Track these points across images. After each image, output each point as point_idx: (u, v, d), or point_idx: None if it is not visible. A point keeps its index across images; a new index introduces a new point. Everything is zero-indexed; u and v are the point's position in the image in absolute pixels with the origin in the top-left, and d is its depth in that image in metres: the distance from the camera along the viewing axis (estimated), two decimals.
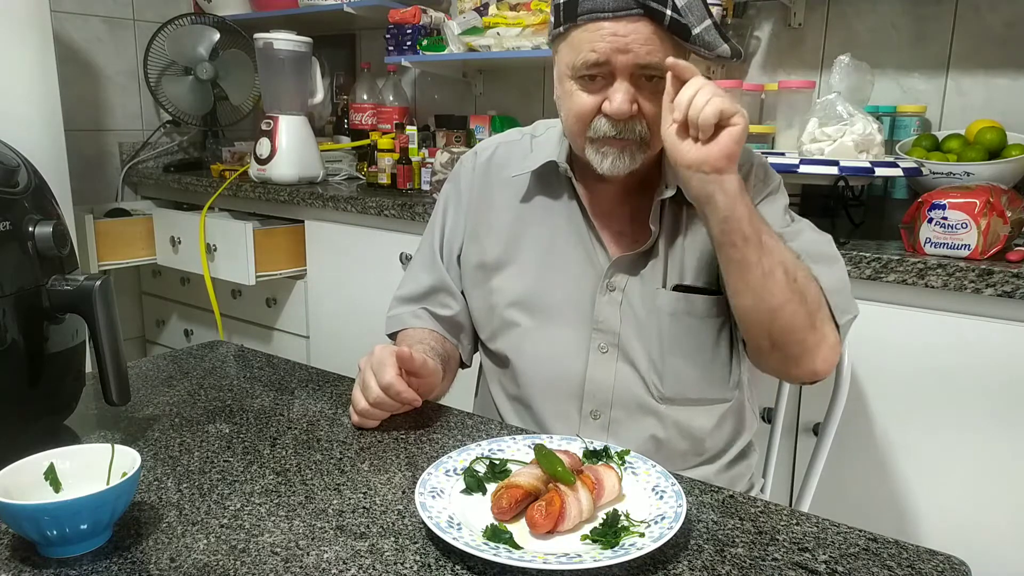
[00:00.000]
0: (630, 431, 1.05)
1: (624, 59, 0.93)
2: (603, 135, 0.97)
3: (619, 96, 0.94)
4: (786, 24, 2.06)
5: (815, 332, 0.95)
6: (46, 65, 2.11)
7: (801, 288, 0.93)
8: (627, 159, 0.98)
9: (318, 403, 1.02)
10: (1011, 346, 1.35)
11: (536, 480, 0.73)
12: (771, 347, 0.97)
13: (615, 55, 0.93)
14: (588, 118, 0.97)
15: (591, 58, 0.93)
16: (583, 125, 0.98)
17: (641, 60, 0.93)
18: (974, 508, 1.42)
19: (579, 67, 0.95)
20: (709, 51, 0.95)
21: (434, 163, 2.23)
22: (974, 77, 1.84)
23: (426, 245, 1.21)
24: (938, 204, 1.42)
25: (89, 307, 0.83)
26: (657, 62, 0.93)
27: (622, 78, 0.94)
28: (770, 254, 0.91)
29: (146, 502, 0.76)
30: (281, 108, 2.48)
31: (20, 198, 0.82)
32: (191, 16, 2.95)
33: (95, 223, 2.57)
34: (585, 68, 0.95)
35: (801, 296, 0.93)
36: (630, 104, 0.94)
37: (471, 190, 1.15)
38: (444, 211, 1.19)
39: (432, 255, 1.18)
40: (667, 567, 0.67)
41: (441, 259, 1.18)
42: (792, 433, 1.59)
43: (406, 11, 2.41)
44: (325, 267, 2.38)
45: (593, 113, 0.97)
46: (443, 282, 1.17)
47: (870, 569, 0.67)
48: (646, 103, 0.96)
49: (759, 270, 0.91)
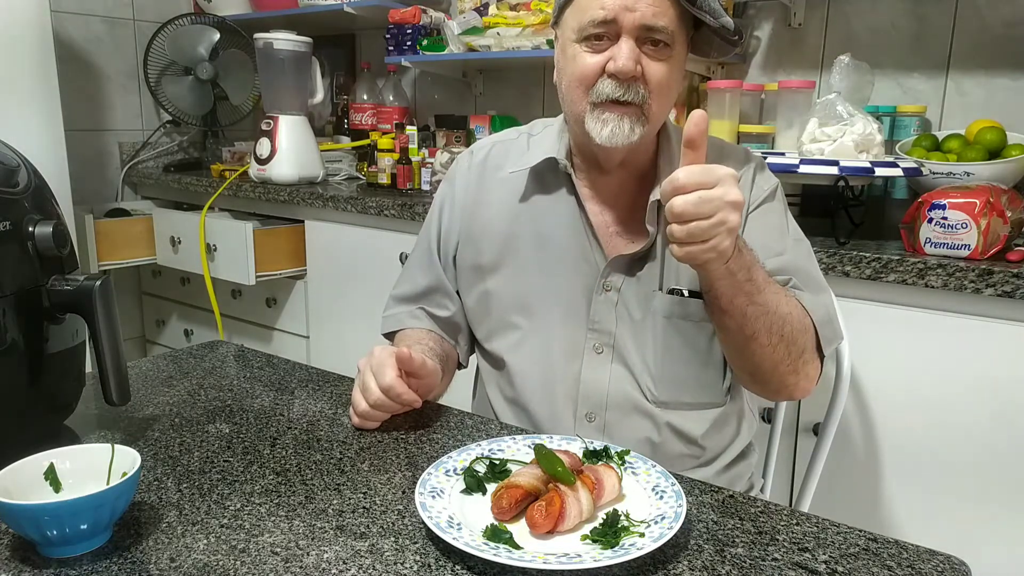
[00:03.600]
0: (625, 434, 1.04)
1: (631, 17, 0.94)
2: (605, 97, 0.97)
3: (624, 53, 0.94)
4: (786, 24, 2.06)
5: (795, 374, 0.98)
6: (46, 65, 2.11)
7: (788, 340, 0.95)
8: (626, 128, 0.97)
9: (318, 403, 1.02)
10: (1011, 346, 1.35)
11: (536, 480, 0.73)
12: (750, 381, 1.03)
13: (622, 13, 0.93)
14: (592, 79, 0.97)
15: (599, 15, 0.94)
16: (586, 88, 0.98)
17: (647, 20, 0.94)
18: (974, 508, 1.42)
19: (586, 26, 0.96)
20: (714, 18, 0.96)
21: (434, 163, 2.23)
22: (974, 77, 1.84)
23: (422, 245, 1.20)
24: (938, 204, 1.42)
25: (89, 307, 0.83)
26: (663, 25, 0.94)
27: (628, 36, 0.95)
28: (754, 320, 0.92)
29: (146, 502, 0.76)
30: (281, 108, 2.48)
31: (20, 198, 0.82)
32: (191, 16, 2.95)
33: (95, 223, 2.57)
34: (592, 26, 0.95)
35: (786, 347, 0.95)
36: (634, 63, 0.95)
37: (466, 190, 1.15)
38: (440, 211, 1.19)
39: (429, 255, 1.18)
40: (667, 567, 0.67)
41: (438, 259, 1.17)
42: (792, 433, 1.59)
43: (406, 11, 2.41)
44: (325, 267, 2.38)
45: (597, 74, 0.97)
46: (440, 283, 1.17)
47: (870, 569, 0.67)
48: (650, 67, 0.96)
49: (740, 335, 0.94)
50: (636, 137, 0.98)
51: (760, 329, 0.92)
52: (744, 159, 1.09)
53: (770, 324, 0.93)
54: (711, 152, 1.10)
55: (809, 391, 1.02)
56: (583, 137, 1.02)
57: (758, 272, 0.92)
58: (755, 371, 0.98)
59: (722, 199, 0.80)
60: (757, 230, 1.03)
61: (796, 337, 0.95)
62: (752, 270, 0.91)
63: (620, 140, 0.97)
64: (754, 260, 0.92)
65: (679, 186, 0.81)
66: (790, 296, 0.97)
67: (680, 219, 0.81)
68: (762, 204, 1.06)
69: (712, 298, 0.93)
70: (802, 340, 0.96)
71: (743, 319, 0.92)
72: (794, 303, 0.97)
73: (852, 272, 1.46)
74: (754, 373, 0.99)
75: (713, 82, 2.00)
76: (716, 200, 0.80)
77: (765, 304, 0.92)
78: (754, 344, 0.94)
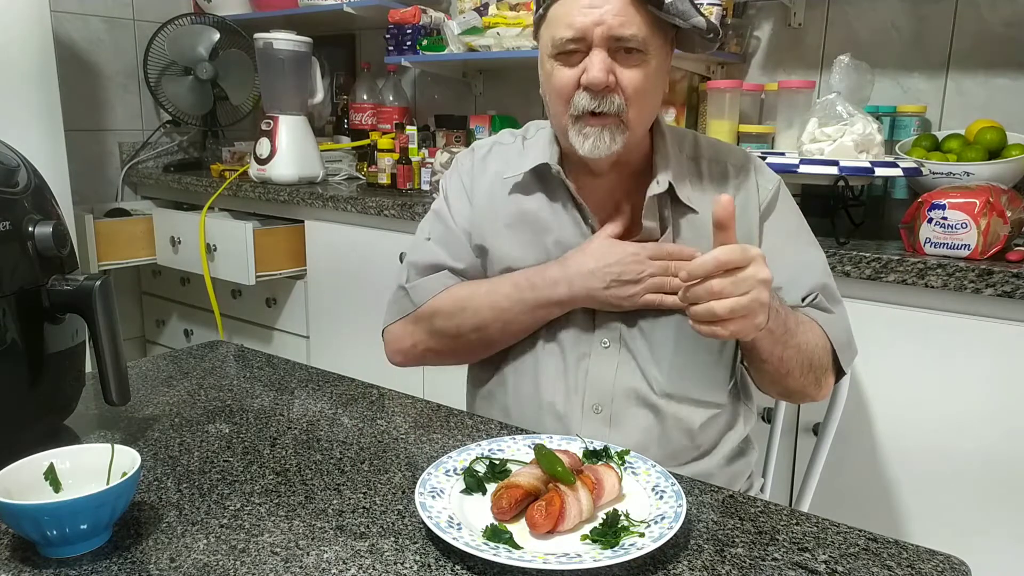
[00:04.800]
0: (630, 425, 1.05)
1: (599, 31, 0.95)
2: (583, 110, 0.98)
3: (595, 65, 0.95)
4: (786, 24, 2.06)
5: (818, 387, 1.05)
6: (46, 65, 2.11)
7: (816, 367, 1.01)
8: (607, 139, 0.98)
9: (318, 403, 1.02)
10: (1011, 346, 1.35)
11: (536, 480, 0.73)
12: (777, 396, 1.13)
13: (590, 28, 0.95)
14: (568, 94, 0.99)
15: (567, 33, 0.96)
16: (564, 102, 0.99)
17: (615, 31, 0.94)
18: (974, 508, 1.42)
19: (557, 43, 0.97)
20: (684, 20, 0.96)
21: (434, 163, 2.23)
22: (974, 77, 1.84)
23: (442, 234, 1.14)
24: (938, 204, 1.42)
25: (89, 307, 0.83)
26: (632, 34, 0.95)
27: (599, 49, 0.96)
28: (788, 361, 0.98)
29: (146, 502, 0.76)
30: (281, 108, 2.48)
31: (20, 198, 0.82)
32: (191, 16, 2.95)
33: (95, 223, 2.57)
34: (563, 44, 0.97)
35: (814, 373, 1.02)
36: (606, 73, 0.95)
37: (472, 184, 1.14)
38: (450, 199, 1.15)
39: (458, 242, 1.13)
40: (667, 567, 0.67)
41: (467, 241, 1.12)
42: (792, 433, 1.59)
43: (406, 11, 2.41)
44: (325, 267, 2.38)
45: (573, 88, 0.98)
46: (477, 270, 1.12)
47: (870, 569, 0.67)
48: (624, 76, 0.97)
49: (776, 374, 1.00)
50: (618, 146, 0.99)
51: (794, 367, 0.99)
52: (742, 157, 1.10)
53: (802, 360, 0.99)
54: (708, 152, 1.11)
55: (826, 397, 1.10)
56: (569, 147, 1.03)
57: (791, 320, 0.97)
58: (783, 393, 1.07)
59: (755, 278, 0.83)
60: (780, 245, 1.06)
61: (821, 361, 1.02)
62: (787, 321, 0.96)
63: (602, 152, 0.99)
64: (787, 312, 0.97)
65: (722, 263, 0.82)
66: (813, 324, 1.02)
67: (718, 296, 0.83)
68: (773, 209, 1.08)
69: (754, 354, 0.98)
70: (825, 361, 1.03)
71: (779, 363, 0.98)
72: (817, 331, 1.02)
73: (852, 272, 1.46)
74: (782, 394, 1.09)
75: (713, 82, 2.00)
76: (750, 279, 0.83)
77: (798, 346, 0.98)
78: (788, 379, 1.01)
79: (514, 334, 1.07)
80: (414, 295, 1.11)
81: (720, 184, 1.08)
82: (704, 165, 1.09)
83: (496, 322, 1.05)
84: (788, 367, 0.99)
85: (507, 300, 1.04)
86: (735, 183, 1.08)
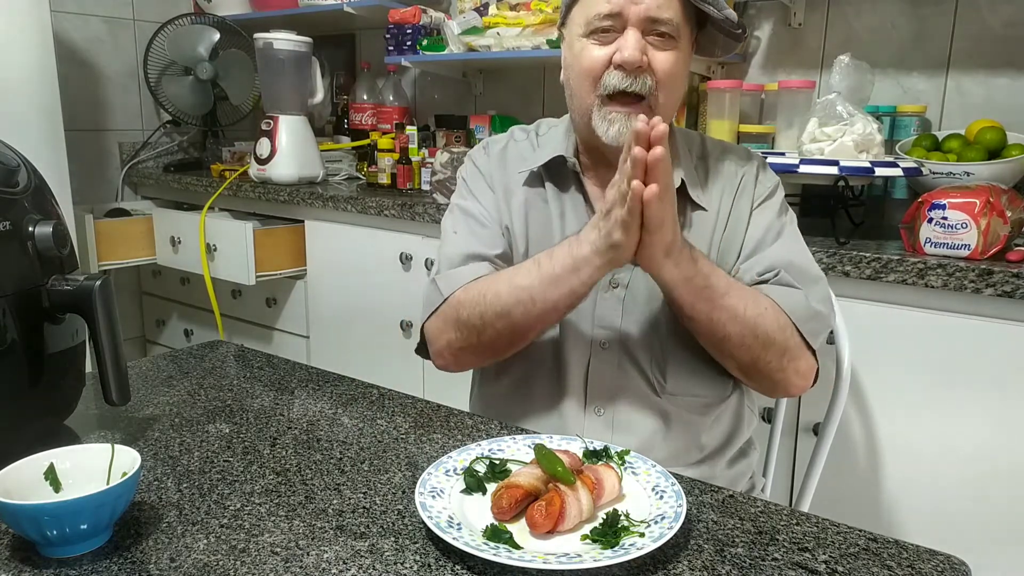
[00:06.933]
0: (633, 427, 1.05)
1: (636, 9, 0.96)
2: (613, 89, 0.98)
3: (630, 43, 0.96)
4: (786, 24, 2.06)
5: (783, 371, 1.00)
6: (46, 65, 2.11)
7: (763, 340, 0.97)
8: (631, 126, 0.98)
9: (318, 403, 1.02)
10: (1011, 346, 1.35)
11: (536, 480, 0.73)
12: (743, 377, 1.05)
13: (627, 5, 0.96)
14: (599, 72, 0.99)
15: (604, 8, 0.96)
16: (593, 81, 1.00)
17: (652, 12, 0.96)
18: (974, 508, 1.42)
19: (592, 20, 0.98)
20: (718, 10, 0.97)
21: (434, 163, 2.23)
22: (974, 77, 1.84)
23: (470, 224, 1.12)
24: (938, 204, 1.42)
25: (89, 307, 0.83)
26: (668, 17, 0.96)
27: (633, 28, 0.97)
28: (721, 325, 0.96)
29: (146, 502, 0.76)
30: (281, 108, 2.48)
31: (20, 198, 0.82)
32: (191, 16, 2.95)
33: (95, 223, 2.57)
34: (598, 20, 0.97)
35: (762, 347, 0.98)
36: (640, 53, 0.96)
37: (491, 174, 1.13)
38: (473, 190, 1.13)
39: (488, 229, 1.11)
40: (667, 567, 0.67)
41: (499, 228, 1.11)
42: (792, 433, 1.59)
43: (406, 11, 2.41)
44: (325, 267, 2.38)
45: (603, 66, 0.99)
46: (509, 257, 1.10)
47: (870, 569, 0.67)
48: (656, 58, 0.98)
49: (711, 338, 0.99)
50: None
51: (731, 333, 0.97)
52: (747, 157, 1.12)
53: (742, 330, 0.96)
54: (715, 152, 1.12)
55: (805, 387, 1.04)
56: (590, 135, 1.02)
57: (719, 278, 0.96)
58: (739, 368, 1.02)
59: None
60: (754, 226, 1.07)
61: (773, 337, 0.98)
62: (711, 278, 0.94)
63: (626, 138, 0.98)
64: (716, 272, 0.96)
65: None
66: (761, 297, 0.99)
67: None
68: (765, 201, 1.09)
69: (676, 308, 0.97)
70: (781, 339, 0.98)
71: (710, 324, 0.96)
72: (766, 303, 0.98)
73: (852, 272, 1.46)
74: (739, 370, 1.03)
75: (713, 82, 2.00)
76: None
77: (731, 308, 0.95)
78: (728, 345, 0.98)
79: (539, 317, 0.99)
80: (442, 284, 1.06)
81: (726, 180, 1.09)
82: (711, 164, 1.11)
83: (519, 304, 0.98)
84: (724, 331, 0.96)
85: (527, 277, 0.98)
86: (738, 178, 1.09)
